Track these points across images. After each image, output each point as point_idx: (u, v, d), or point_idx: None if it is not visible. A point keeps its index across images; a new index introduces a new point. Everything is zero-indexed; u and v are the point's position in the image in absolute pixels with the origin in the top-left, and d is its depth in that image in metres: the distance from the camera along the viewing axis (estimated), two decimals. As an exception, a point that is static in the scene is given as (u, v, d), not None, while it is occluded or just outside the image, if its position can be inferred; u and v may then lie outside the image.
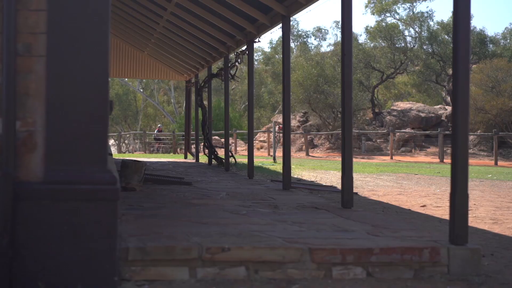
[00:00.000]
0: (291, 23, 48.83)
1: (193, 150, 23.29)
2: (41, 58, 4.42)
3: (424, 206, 9.91)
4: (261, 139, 40.58)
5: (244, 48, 13.75)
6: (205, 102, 18.56)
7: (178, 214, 6.59)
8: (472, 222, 8.26)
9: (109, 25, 4.53)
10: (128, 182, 9.04)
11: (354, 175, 15.89)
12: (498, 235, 7.27)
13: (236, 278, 4.70)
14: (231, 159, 16.66)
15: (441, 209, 9.40)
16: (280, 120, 36.83)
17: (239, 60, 14.53)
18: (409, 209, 9.43)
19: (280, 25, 10.66)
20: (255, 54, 63.55)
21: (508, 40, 52.47)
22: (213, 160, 17.57)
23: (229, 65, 15.21)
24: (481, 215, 9.02)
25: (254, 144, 37.38)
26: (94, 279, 4.36)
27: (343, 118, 7.78)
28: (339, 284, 4.65)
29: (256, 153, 36.06)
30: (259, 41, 12.86)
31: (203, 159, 20.11)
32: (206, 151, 17.85)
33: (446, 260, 5.00)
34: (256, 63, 63.03)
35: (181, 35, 16.61)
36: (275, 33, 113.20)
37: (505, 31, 51.99)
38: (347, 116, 7.73)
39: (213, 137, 38.23)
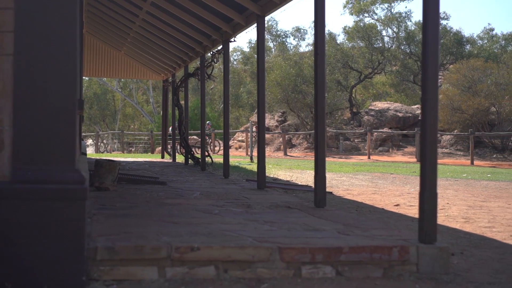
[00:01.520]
0: (270, 23, 48.29)
1: (170, 149, 23.23)
2: (8, 56, 4.40)
3: (397, 205, 9.96)
4: (240, 138, 40.58)
5: (220, 47, 13.75)
6: (182, 102, 18.52)
7: (149, 214, 6.57)
8: (444, 221, 8.32)
9: (77, 24, 4.51)
10: (101, 182, 9.01)
11: (330, 175, 16.03)
12: (469, 233, 7.33)
13: (206, 278, 4.69)
14: (208, 159, 16.66)
15: (414, 208, 9.45)
16: (258, 119, 36.77)
17: (215, 59, 14.52)
18: (383, 208, 9.47)
19: (255, 24, 10.66)
20: (234, 54, 63.67)
21: (486, 41, 52.91)
22: (189, 159, 17.54)
23: (205, 64, 15.20)
24: (454, 214, 9.08)
25: (233, 144, 37.47)
26: (61, 279, 4.34)
27: (316, 118, 7.80)
28: (308, 283, 4.66)
29: (234, 152, 36.07)
30: (234, 41, 12.87)
31: (180, 158, 20.07)
32: (183, 150, 17.83)
33: (415, 259, 5.03)
34: (235, 63, 63.02)
35: (158, 35, 16.57)
36: (253, 33, 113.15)
37: (482, 32, 52.37)
38: (320, 116, 7.75)
39: (192, 137, 38.20)
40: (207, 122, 37.88)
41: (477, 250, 6.22)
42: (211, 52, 14.70)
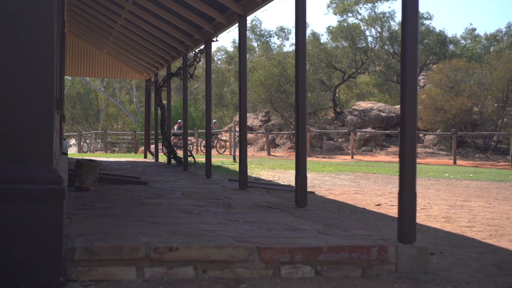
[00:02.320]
0: (254, 22, 48.18)
1: (154, 149, 23.17)
2: (-17, 56, 4.35)
3: (379, 205, 9.98)
4: (224, 138, 40.53)
5: (202, 47, 13.73)
6: (165, 102, 18.48)
7: (129, 214, 6.55)
8: (425, 220, 8.35)
9: (55, 22, 4.48)
10: (82, 182, 8.96)
11: (313, 175, 16.04)
12: (449, 233, 7.36)
13: (184, 278, 4.68)
14: (190, 159, 16.63)
15: (396, 208, 9.39)
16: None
17: (197, 59, 14.49)
18: (364, 208, 9.49)
19: (237, 24, 10.65)
20: (218, 54, 63.63)
21: (469, 41, 53.21)
22: (172, 159, 17.50)
23: (188, 64, 15.17)
24: (434, 213, 9.12)
25: (217, 144, 37.39)
26: (39, 279, 4.31)
27: (297, 117, 7.80)
28: (287, 283, 4.66)
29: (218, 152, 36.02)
30: (217, 40, 12.84)
31: (163, 158, 20.02)
32: (166, 150, 17.79)
33: (394, 258, 5.04)
34: (219, 62, 62.94)
35: (140, 34, 16.52)
36: (237, 32, 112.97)
37: (464, 32, 52.65)
38: (301, 116, 7.75)
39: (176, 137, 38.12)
40: (214, 121, 37.77)
41: (456, 249, 6.25)
42: (193, 52, 14.68)
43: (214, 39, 12.85)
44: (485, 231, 7.57)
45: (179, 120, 36.18)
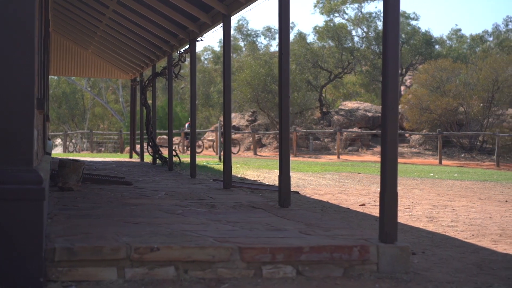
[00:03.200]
0: (240, 22, 48.13)
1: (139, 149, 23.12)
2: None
3: (363, 204, 10.00)
4: (210, 138, 40.51)
5: (187, 47, 13.71)
6: (150, 101, 18.43)
7: (111, 214, 6.52)
8: (408, 220, 8.38)
9: (35, 20, 4.45)
10: (65, 182, 8.93)
11: (298, 175, 16.05)
12: (431, 233, 7.38)
13: (165, 278, 4.67)
14: (176, 159, 16.60)
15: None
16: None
17: (182, 59, 14.47)
18: (348, 208, 9.51)
19: (221, 24, 10.64)
20: (204, 53, 63.59)
21: (454, 41, 53.41)
22: (157, 159, 17.47)
23: (173, 64, 15.15)
24: (418, 213, 9.14)
25: (204, 144, 37.39)
26: (19, 280, 4.28)
27: (280, 117, 7.80)
28: (268, 283, 4.65)
29: (204, 152, 35.99)
30: (201, 40, 12.84)
31: (149, 158, 19.97)
32: (151, 150, 17.75)
33: (376, 258, 5.05)
34: (206, 62, 62.88)
35: (125, 33, 16.48)
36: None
37: (450, 32, 52.87)
38: (284, 115, 7.75)
39: (162, 136, 38.07)
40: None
41: (438, 249, 6.27)
42: (178, 52, 14.65)
43: (199, 39, 12.84)
44: (467, 231, 7.60)
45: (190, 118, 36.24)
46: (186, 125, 35.04)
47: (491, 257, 5.96)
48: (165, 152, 19.94)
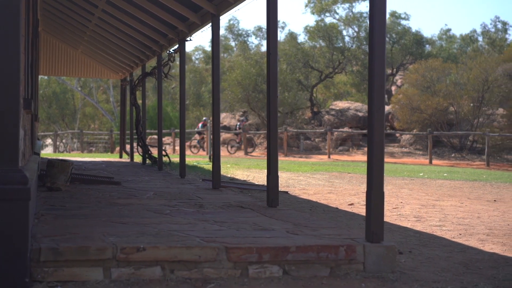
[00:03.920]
0: (231, 22, 48.01)
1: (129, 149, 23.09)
2: None
3: (351, 204, 10.01)
4: (199, 138, 40.40)
5: (176, 46, 13.70)
6: (140, 101, 18.42)
7: (99, 214, 6.51)
8: (396, 220, 8.39)
9: (20, 21, 4.43)
10: (53, 182, 8.91)
11: (288, 174, 16.06)
12: (419, 232, 7.40)
13: (152, 278, 4.66)
14: (165, 159, 16.58)
15: (368, 207, 9.51)
16: (219, 119, 36.65)
17: (171, 59, 14.46)
18: (337, 208, 9.52)
19: (211, 23, 10.64)
20: (195, 53, 63.55)
21: (444, 41, 53.54)
22: (147, 159, 17.45)
23: (163, 63, 15.14)
24: (406, 213, 9.16)
25: (194, 143, 37.32)
26: (4, 280, 4.27)
27: (268, 117, 7.80)
28: (255, 283, 4.66)
29: (194, 151, 35.94)
30: (191, 40, 12.82)
31: (139, 158, 19.94)
32: (141, 150, 17.73)
33: (362, 258, 5.06)
34: (197, 62, 62.83)
35: (114, 33, 16.44)
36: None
37: (440, 32, 53.02)
38: (272, 115, 7.76)
39: (153, 136, 38.00)
40: (204, 118, 37.69)
41: (425, 248, 6.28)
42: (168, 52, 14.64)
43: (188, 39, 12.83)
44: (455, 230, 7.62)
45: (204, 118, 36.32)
46: (200, 124, 35.29)
47: (478, 256, 5.98)
48: (155, 152, 19.92)
